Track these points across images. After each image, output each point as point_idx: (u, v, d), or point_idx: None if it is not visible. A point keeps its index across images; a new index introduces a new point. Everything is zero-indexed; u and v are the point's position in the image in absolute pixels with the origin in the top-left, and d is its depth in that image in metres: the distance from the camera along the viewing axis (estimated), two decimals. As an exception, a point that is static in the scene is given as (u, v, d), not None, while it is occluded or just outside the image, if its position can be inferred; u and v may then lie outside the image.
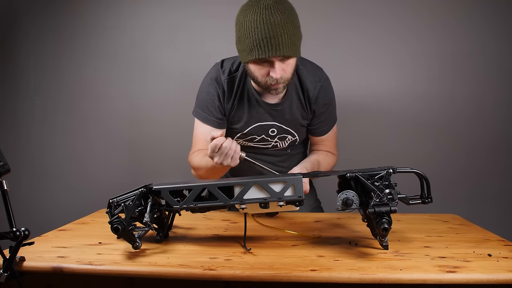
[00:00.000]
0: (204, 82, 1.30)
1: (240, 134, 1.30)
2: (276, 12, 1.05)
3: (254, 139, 1.31)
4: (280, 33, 1.05)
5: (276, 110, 1.27)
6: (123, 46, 2.06)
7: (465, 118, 1.92)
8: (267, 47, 1.06)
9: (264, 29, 1.05)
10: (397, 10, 1.92)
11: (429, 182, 0.92)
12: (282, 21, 1.05)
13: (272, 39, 1.05)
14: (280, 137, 1.31)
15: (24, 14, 2.11)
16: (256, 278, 0.75)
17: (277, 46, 1.06)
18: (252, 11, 1.07)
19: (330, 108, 1.32)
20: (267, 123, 1.28)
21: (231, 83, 1.26)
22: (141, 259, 0.84)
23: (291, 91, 1.25)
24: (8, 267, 0.77)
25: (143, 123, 2.07)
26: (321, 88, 1.27)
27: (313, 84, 1.26)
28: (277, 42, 1.06)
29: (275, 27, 1.05)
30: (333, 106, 1.34)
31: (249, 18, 1.07)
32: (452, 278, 0.73)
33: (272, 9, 1.06)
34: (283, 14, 1.06)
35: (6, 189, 0.78)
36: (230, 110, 1.28)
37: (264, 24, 1.05)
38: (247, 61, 1.13)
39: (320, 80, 1.28)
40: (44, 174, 2.15)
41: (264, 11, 1.05)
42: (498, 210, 1.93)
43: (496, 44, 1.88)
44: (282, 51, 1.06)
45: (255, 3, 1.08)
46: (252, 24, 1.06)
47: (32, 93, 2.13)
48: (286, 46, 1.07)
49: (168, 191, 0.93)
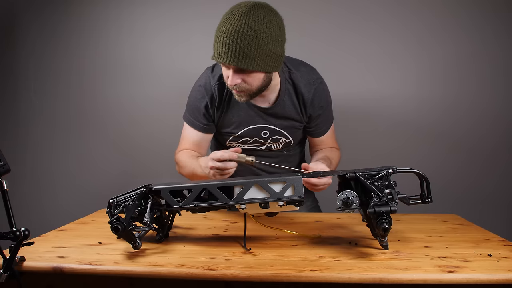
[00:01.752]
0: (194, 89, 1.31)
1: (233, 137, 1.30)
2: (244, 21, 1.02)
3: (247, 141, 1.31)
4: (236, 42, 1.02)
5: (267, 113, 1.26)
6: (123, 46, 2.06)
7: (466, 118, 1.92)
8: (218, 52, 1.06)
9: (222, 33, 1.04)
10: (400, 12, 1.91)
11: (429, 182, 0.92)
12: (246, 31, 1.01)
13: (223, 45, 1.04)
14: (273, 139, 1.30)
15: (23, 15, 2.11)
16: (256, 278, 0.75)
17: (226, 54, 1.04)
18: (227, 13, 1.07)
19: (326, 110, 1.32)
20: (258, 125, 1.27)
21: (221, 88, 1.25)
22: (141, 259, 0.84)
23: (283, 96, 1.24)
24: (8, 267, 0.77)
25: (142, 123, 2.07)
26: (316, 91, 1.26)
27: (307, 87, 1.25)
28: (227, 50, 1.03)
29: (230, 35, 1.02)
30: (329, 108, 1.34)
31: (222, 19, 1.07)
32: (452, 278, 0.73)
33: (242, 17, 1.02)
34: (253, 25, 1.02)
35: (6, 189, 0.78)
36: (221, 114, 1.28)
37: (224, 29, 1.04)
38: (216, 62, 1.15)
39: (315, 82, 1.27)
40: (44, 174, 2.15)
41: (232, 17, 1.04)
42: (498, 210, 1.93)
43: (499, 46, 1.88)
44: (230, 59, 1.04)
45: (235, 6, 1.08)
46: (219, 25, 1.07)
47: (32, 94, 2.13)
48: (237, 57, 1.03)
49: (168, 191, 0.93)
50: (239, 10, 1.04)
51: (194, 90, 1.30)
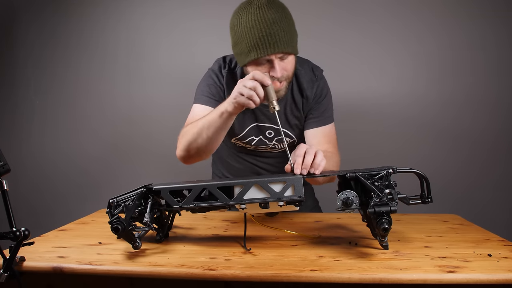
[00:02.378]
0: (206, 74, 1.30)
1: (238, 136, 1.30)
2: (270, 10, 1.06)
3: (252, 141, 1.30)
4: (277, 30, 1.06)
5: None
6: (122, 47, 2.07)
7: (466, 118, 1.92)
8: (265, 45, 1.06)
9: (260, 27, 1.05)
10: (398, 11, 1.92)
11: (429, 182, 0.92)
12: (277, 19, 1.06)
13: (269, 37, 1.05)
14: (278, 139, 1.30)
15: (23, 15, 2.11)
16: (256, 278, 0.75)
17: (275, 43, 1.06)
18: (246, 13, 1.08)
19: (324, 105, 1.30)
20: (263, 124, 1.28)
21: (231, 77, 1.26)
22: (141, 259, 0.84)
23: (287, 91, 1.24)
24: (8, 267, 0.77)
25: (142, 123, 2.07)
26: (318, 87, 1.27)
27: (310, 84, 1.26)
28: (275, 39, 1.06)
29: (271, 25, 1.05)
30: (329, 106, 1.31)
31: (244, 20, 1.07)
32: (452, 278, 0.73)
33: (266, 8, 1.06)
34: (277, 12, 1.07)
35: (6, 189, 0.78)
36: None
37: (260, 23, 1.05)
38: (246, 63, 1.12)
39: (317, 79, 1.28)
40: (44, 174, 2.15)
41: (258, 11, 1.06)
42: (498, 210, 1.93)
43: (496, 44, 1.88)
44: (281, 47, 1.07)
45: (247, 5, 1.09)
46: (247, 24, 1.06)
47: (31, 93, 2.13)
48: (284, 43, 1.07)
49: (168, 191, 0.93)
50: (259, 2, 1.07)
51: (207, 76, 1.30)
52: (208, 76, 1.28)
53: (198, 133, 1.12)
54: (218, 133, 1.11)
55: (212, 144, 1.14)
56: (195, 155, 1.17)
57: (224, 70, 1.26)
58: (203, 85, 1.28)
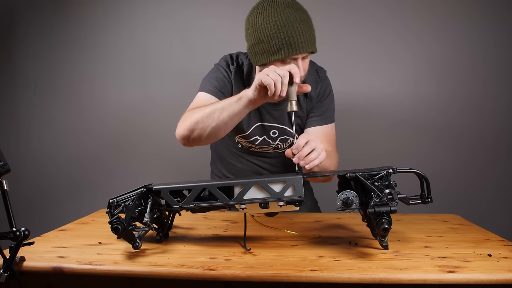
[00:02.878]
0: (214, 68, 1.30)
1: (242, 135, 1.30)
2: (297, 11, 1.08)
3: (256, 141, 1.30)
4: (305, 30, 1.07)
5: (277, 110, 1.26)
6: (122, 47, 2.07)
7: (465, 118, 1.92)
8: (296, 45, 1.06)
9: (291, 26, 1.05)
10: (399, 12, 1.92)
11: (429, 182, 0.92)
12: (304, 18, 1.08)
13: (300, 36, 1.06)
14: (281, 139, 1.30)
15: (23, 15, 2.11)
16: (256, 278, 0.75)
17: (303, 43, 1.07)
18: (273, 12, 1.07)
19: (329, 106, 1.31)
20: (268, 124, 1.28)
21: (239, 74, 1.26)
22: (141, 259, 0.84)
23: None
24: (8, 267, 0.77)
25: (142, 123, 2.07)
26: (322, 87, 1.28)
27: (314, 84, 1.26)
28: (305, 39, 1.07)
29: (300, 24, 1.06)
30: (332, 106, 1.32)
31: (273, 18, 1.06)
32: (452, 278, 0.73)
33: (292, 7, 1.07)
34: (303, 12, 1.09)
35: (6, 189, 0.78)
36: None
37: (291, 22, 1.06)
38: (269, 62, 1.10)
39: (321, 79, 1.28)
40: (44, 174, 2.15)
41: (286, 10, 1.06)
42: (498, 210, 1.93)
43: (496, 45, 1.88)
44: (309, 47, 1.08)
45: (272, 3, 1.08)
46: (277, 23, 1.06)
47: (31, 93, 2.13)
48: (310, 43, 1.09)
49: (168, 191, 0.93)
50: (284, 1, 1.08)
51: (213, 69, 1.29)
52: (216, 69, 1.28)
53: (209, 114, 1.08)
54: (231, 118, 1.07)
55: (220, 128, 1.09)
56: (198, 137, 1.12)
57: (233, 67, 1.26)
58: (211, 77, 1.26)
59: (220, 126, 1.08)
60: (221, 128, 1.09)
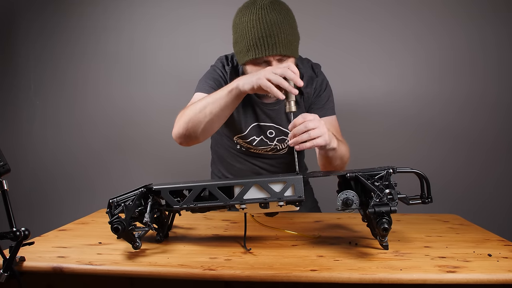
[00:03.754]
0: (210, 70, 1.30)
1: (239, 135, 1.30)
2: (272, 12, 1.06)
3: (253, 141, 1.30)
4: (277, 32, 1.06)
5: (273, 110, 1.26)
6: (122, 47, 2.07)
7: (466, 118, 1.92)
8: (263, 46, 1.06)
9: (260, 28, 1.06)
10: (398, 11, 1.92)
11: (429, 182, 0.92)
12: (278, 21, 1.06)
13: (268, 38, 1.06)
14: (279, 139, 1.30)
15: (24, 15, 2.11)
16: (256, 278, 0.75)
17: (273, 45, 1.06)
18: (248, 12, 1.08)
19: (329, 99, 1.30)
20: (264, 124, 1.28)
21: (234, 74, 1.26)
22: (141, 259, 0.84)
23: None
24: (8, 267, 0.77)
25: (142, 123, 2.08)
26: (317, 82, 1.28)
27: (310, 81, 1.26)
28: (274, 41, 1.06)
29: (271, 26, 1.05)
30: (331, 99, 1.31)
31: (246, 19, 1.08)
32: (452, 278, 0.73)
33: (268, 9, 1.07)
34: (280, 14, 1.07)
35: (6, 189, 0.78)
36: None
37: (260, 24, 1.06)
38: (244, 62, 1.13)
39: (317, 74, 1.28)
40: (44, 174, 2.15)
41: (260, 11, 1.06)
42: (498, 210, 1.93)
43: (496, 45, 1.88)
44: (279, 49, 1.07)
45: (251, 4, 1.09)
46: (248, 24, 1.07)
47: (32, 94, 2.13)
48: (283, 45, 1.07)
49: (168, 191, 0.93)
50: (264, 2, 1.07)
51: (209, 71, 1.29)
52: (212, 70, 1.29)
53: (200, 109, 1.08)
54: (223, 110, 1.07)
55: (213, 121, 1.09)
56: (193, 133, 1.12)
57: (228, 67, 1.27)
58: (207, 77, 1.27)
59: (212, 120, 1.09)
60: (214, 121, 1.09)
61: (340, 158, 1.12)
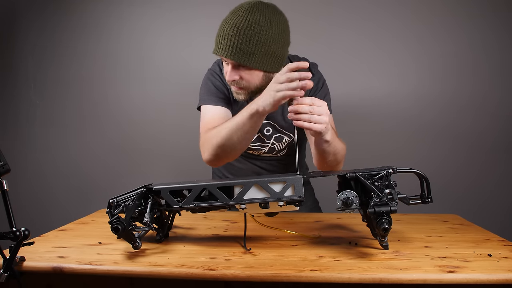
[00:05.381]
0: (208, 74, 1.30)
1: None
2: (246, 17, 1.04)
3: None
4: (235, 37, 1.04)
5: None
6: (123, 47, 2.07)
7: (466, 118, 1.92)
8: (218, 45, 1.08)
9: (223, 27, 1.07)
10: (399, 12, 1.92)
11: (429, 182, 0.92)
12: (244, 27, 1.04)
13: (223, 39, 1.06)
14: (276, 137, 1.30)
15: (24, 14, 2.11)
16: (256, 278, 0.75)
17: (225, 48, 1.06)
18: (232, 10, 1.10)
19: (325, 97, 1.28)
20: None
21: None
22: (141, 259, 0.84)
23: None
24: (8, 267, 0.77)
25: (142, 124, 2.08)
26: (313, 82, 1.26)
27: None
28: (227, 44, 1.05)
29: (230, 29, 1.05)
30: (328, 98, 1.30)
31: (226, 15, 1.10)
32: (452, 278, 0.73)
33: (244, 13, 1.05)
34: (254, 22, 1.04)
35: (6, 189, 0.78)
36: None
37: (226, 23, 1.06)
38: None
39: (313, 74, 1.27)
40: (44, 174, 2.15)
41: (236, 13, 1.07)
42: (498, 210, 1.93)
43: (498, 45, 1.89)
44: (230, 54, 1.05)
45: (241, 5, 1.10)
46: (223, 20, 1.09)
47: (32, 94, 2.13)
48: (238, 52, 1.05)
49: (168, 191, 0.93)
50: (243, 6, 1.07)
51: (207, 76, 1.29)
52: (210, 75, 1.28)
53: (229, 137, 1.08)
54: (250, 133, 1.08)
55: (243, 144, 1.11)
56: (224, 158, 1.16)
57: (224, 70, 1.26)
58: (207, 86, 1.27)
59: (242, 143, 1.10)
60: (243, 144, 1.11)
61: (334, 154, 1.11)
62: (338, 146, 1.13)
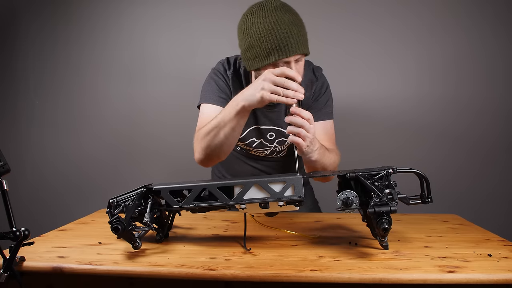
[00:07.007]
0: (211, 74, 1.29)
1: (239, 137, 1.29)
2: (287, 13, 1.06)
3: (252, 143, 1.30)
4: (295, 32, 1.05)
5: (273, 112, 1.26)
6: (123, 47, 2.07)
7: (466, 119, 1.92)
8: (286, 47, 1.04)
9: (280, 29, 1.03)
10: (400, 12, 1.92)
11: (429, 182, 0.92)
12: (294, 21, 1.06)
13: (290, 38, 1.04)
14: (278, 141, 1.30)
15: (23, 15, 2.11)
16: (256, 278, 0.75)
17: (294, 45, 1.05)
18: (262, 16, 1.05)
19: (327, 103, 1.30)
20: (265, 127, 1.27)
21: (236, 79, 1.25)
22: (141, 259, 0.84)
23: None
24: (8, 267, 0.77)
25: (142, 124, 2.08)
26: (317, 86, 1.27)
27: (309, 84, 1.26)
28: (295, 41, 1.05)
29: (290, 27, 1.04)
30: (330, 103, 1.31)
31: (261, 22, 1.04)
32: (452, 278, 0.73)
33: (282, 10, 1.06)
34: (292, 14, 1.07)
35: (6, 189, 0.78)
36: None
37: (280, 25, 1.03)
38: (263, 66, 1.08)
39: (317, 78, 1.27)
40: (44, 174, 2.15)
41: (275, 13, 1.04)
42: (498, 210, 1.93)
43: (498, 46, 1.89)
44: (300, 49, 1.06)
45: (261, 8, 1.07)
46: (266, 27, 1.04)
47: (31, 94, 2.13)
48: (302, 44, 1.07)
49: (168, 191, 0.93)
50: (272, 4, 1.06)
51: (211, 75, 1.28)
52: (214, 74, 1.27)
53: (215, 134, 1.09)
54: (235, 129, 1.08)
55: (229, 141, 1.11)
56: (214, 156, 1.15)
57: (229, 72, 1.25)
58: (210, 84, 1.25)
59: (228, 140, 1.10)
60: (230, 141, 1.11)
61: (322, 168, 1.12)
62: (327, 161, 1.13)
